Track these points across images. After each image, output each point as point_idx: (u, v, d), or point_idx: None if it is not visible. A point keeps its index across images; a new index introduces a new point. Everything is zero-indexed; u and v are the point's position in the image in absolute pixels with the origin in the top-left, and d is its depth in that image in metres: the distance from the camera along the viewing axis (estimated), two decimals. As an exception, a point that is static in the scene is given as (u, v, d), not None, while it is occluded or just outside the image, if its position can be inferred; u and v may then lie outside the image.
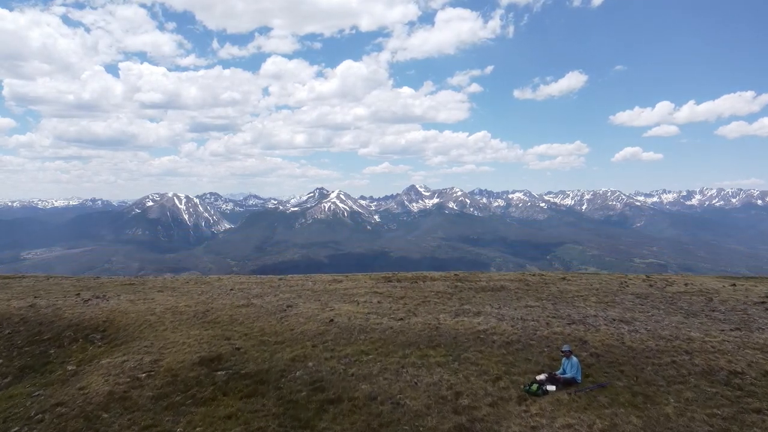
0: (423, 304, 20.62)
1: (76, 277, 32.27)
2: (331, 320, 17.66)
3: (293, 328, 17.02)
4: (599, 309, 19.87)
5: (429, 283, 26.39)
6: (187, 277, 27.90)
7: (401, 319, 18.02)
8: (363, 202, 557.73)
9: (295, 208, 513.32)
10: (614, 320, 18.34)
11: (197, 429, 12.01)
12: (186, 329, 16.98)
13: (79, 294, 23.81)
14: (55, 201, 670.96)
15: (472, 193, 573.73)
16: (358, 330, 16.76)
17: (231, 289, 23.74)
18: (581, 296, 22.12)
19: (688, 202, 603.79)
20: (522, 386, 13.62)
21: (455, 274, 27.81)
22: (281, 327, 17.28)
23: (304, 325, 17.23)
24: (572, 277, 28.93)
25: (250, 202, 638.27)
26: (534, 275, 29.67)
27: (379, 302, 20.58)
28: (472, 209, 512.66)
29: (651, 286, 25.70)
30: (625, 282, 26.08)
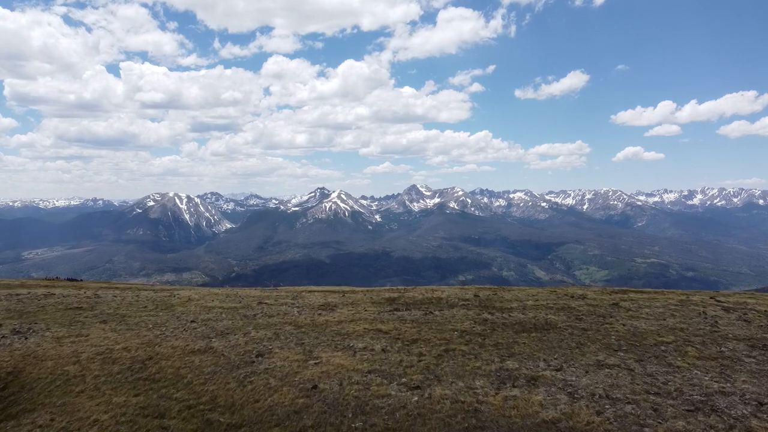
0: (446, 356, 12.51)
1: (18, 293, 22.96)
2: (315, 386, 10.99)
3: (258, 398, 10.57)
4: (715, 374, 11.43)
5: (447, 312, 15.94)
6: (152, 296, 16.62)
7: (417, 387, 10.85)
8: (364, 202, 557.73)
9: (296, 208, 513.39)
10: (761, 405, 9.94)
11: None
12: (110, 392, 10.76)
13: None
14: (57, 201, 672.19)
15: (473, 192, 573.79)
16: (354, 408, 10.15)
17: (192, 321, 14.90)
18: (669, 343, 13.30)
19: (690, 202, 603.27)
20: None
21: (476, 295, 18.25)
22: (241, 395, 10.78)
23: (274, 394, 10.69)
24: (629, 303, 17.25)
25: (251, 202, 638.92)
26: (576, 297, 17.93)
27: (383, 350, 12.55)
28: (473, 209, 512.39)
29: (744, 319, 15.66)
30: (704, 311, 16.95)
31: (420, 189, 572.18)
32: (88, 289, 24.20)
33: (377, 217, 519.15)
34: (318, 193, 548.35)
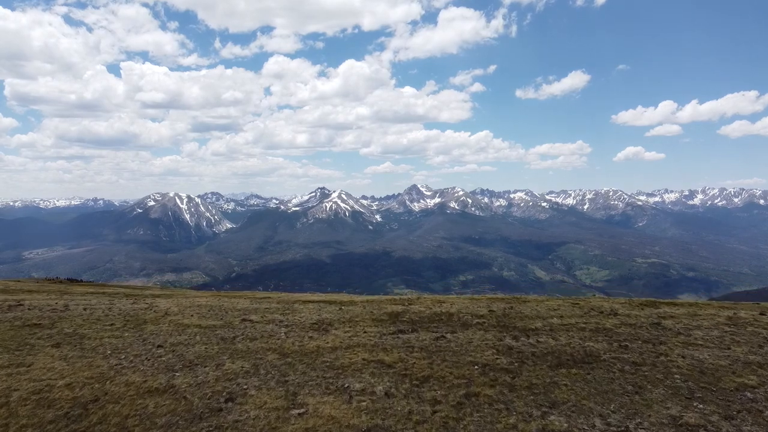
0: (468, 405, 9.08)
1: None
2: None
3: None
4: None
5: (461, 335, 12.83)
6: (127, 309, 10.77)
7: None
8: (365, 202, 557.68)
9: (297, 208, 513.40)
10: None
11: None
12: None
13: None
14: (57, 201, 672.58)
15: (473, 192, 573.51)
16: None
17: (159, 346, 11.95)
18: (755, 388, 9.61)
19: (690, 202, 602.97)
20: None
21: (490, 309, 14.81)
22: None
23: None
24: (672, 322, 13.66)
25: (252, 202, 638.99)
26: (607, 314, 14.23)
27: (387, 394, 9.34)
28: (473, 209, 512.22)
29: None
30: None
31: (420, 189, 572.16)
32: (70, 295, 20.21)
33: (378, 217, 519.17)
34: (318, 193, 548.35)
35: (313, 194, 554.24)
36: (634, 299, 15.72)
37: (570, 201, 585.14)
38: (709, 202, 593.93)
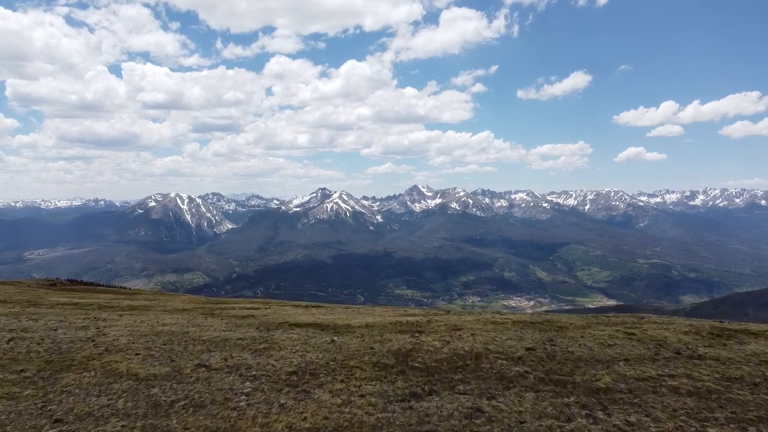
0: None
1: None
2: None
3: None
4: None
5: (504, 401, 7.08)
6: (66, 337, 10.78)
7: None
8: (365, 203, 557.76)
9: (298, 209, 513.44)
10: None
11: None
12: None
13: None
14: (58, 201, 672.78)
15: (474, 193, 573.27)
16: None
17: (57, 421, 6.25)
18: None
19: (692, 203, 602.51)
20: None
21: (528, 348, 9.49)
22: None
23: None
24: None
25: (253, 203, 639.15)
26: (686, 356, 9.11)
27: None
28: (474, 209, 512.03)
29: None
30: None
31: (421, 189, 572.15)
32: (36, 307, 17.15)
33: (379, 217, 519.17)
34: (319, 194, 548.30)
35: (314, 195, 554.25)
36: (695, 323, 11.55)
37: (571, 201, 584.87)
38: (711, 203, 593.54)
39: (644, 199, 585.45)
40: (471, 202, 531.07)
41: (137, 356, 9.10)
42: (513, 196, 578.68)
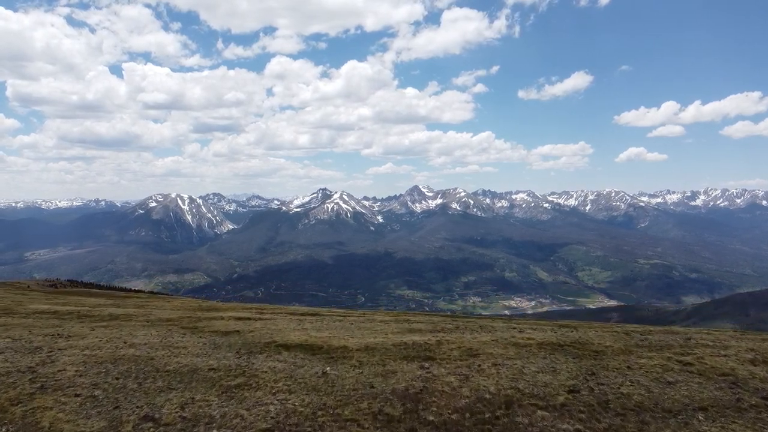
0: None
1: None
2: None
3: None
4: None
5: None
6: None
7: None
8: (366, 203, 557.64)
9: (299, 209, 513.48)
10: None
11: None
12: None
13: None
14: (59, 201, 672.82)
15: (475, 193, 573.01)
16: None
17: None
18: None
19: (693, 203, 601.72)
20: None
21: (571, 391, 6.89)
22: None
23: None
24: None
25: (253, 203, 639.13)
26: None
27: None
28: (475, 210, 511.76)
29: None
30: None
31: (422, 190, 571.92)
32: (10, 317, 15.53)
33: (379, 217, 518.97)
34: (320, 194, 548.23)
35: (315, 195, 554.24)
36: (756, 346, 9.82)
37: (572, 202, 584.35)
38: (712, 203, 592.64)
39: (645, 199, 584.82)
40: (472, 202, 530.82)
41: (75, 399, 6.71)
42: (514, 197, 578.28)
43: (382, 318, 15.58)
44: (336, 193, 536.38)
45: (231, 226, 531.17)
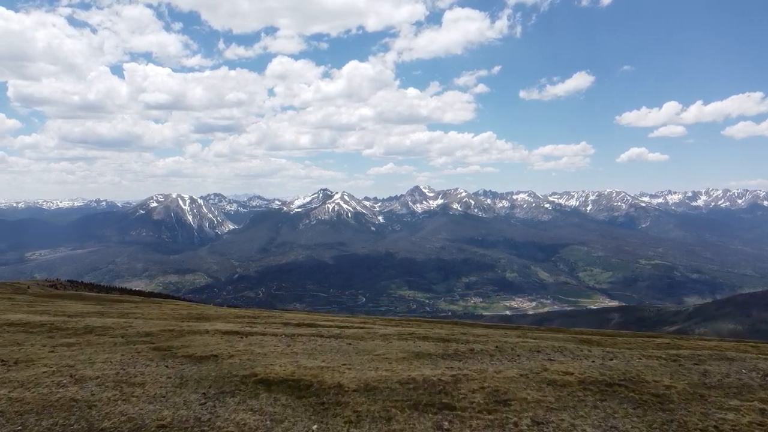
0: None
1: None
2: None
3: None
4: None
5: None
6: None
7: None
8: (367, 203, 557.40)
9: (299, 209, 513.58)
10: None
11: None
12: None
13: None
14: (60, 202, 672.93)
15: (476, 194, 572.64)
16: None
17: None
18: None
19: (694, 203, 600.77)
20: None
21: None
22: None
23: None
24: None
25: (254, 203, 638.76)
26: None
27: None
28: (476, 210, 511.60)
29: None
30: None
31: (423, 190, 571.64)
32: None
33: (380, 218, 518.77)
34: (321, 194, 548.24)
35: (316, 195, 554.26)
36: None
37: (573, 202, 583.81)
38: (713, 204, 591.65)
39: (646, 199, 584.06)
40: (473, 202, 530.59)
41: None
42: (515, 197, 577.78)
43: (384, 330, 13.70)
44: (337, 193, 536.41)
45: (232, 227, 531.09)
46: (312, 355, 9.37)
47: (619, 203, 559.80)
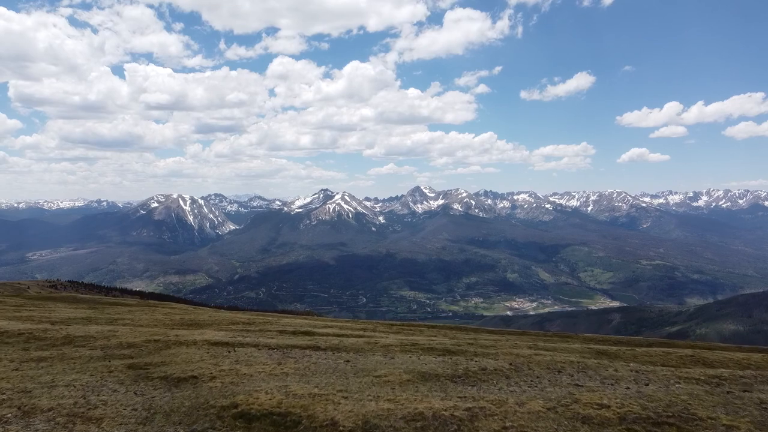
0: None
1: None
2: None
3: None
4: None
5: None
6: None
7: None
8: (368, 204, 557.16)
9: (300, 210, 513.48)
10: None
11: None
12: None
13: None
14: (61, 202, 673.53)
15: (477, 194, 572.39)
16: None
17: None
18: None
19: (695, 204, 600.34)
20: None
21: None
22: None
23: None
24: None
25: (255, 204, 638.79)
26: None
27: None
28: (477, 210, 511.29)
29: None
30: None
31: (424, 190, 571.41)
32: None
33: (381, 218, 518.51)
34: (322, 195, 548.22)
35: (317, 196, 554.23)
36: None
37: (574, 203, 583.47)
38: (714, 204, 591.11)
39: (647, 200, 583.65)
40: (473, 203, 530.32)
41: None
42: (516, 197, 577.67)
43: (385, 340, 12.30)
44: (338, 193, 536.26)
45: (233, 227, 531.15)
46: (304, 377, 7.90)
47: (620, 204, 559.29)
